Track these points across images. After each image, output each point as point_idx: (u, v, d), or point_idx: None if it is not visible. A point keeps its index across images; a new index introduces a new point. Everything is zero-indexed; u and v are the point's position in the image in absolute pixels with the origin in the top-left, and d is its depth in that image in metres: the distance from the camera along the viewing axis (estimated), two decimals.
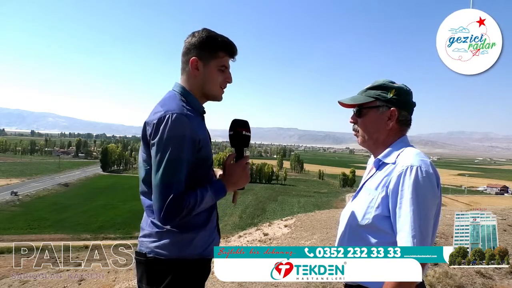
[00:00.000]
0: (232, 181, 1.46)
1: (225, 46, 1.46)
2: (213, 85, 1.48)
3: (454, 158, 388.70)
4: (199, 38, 1.44)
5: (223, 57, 1.47)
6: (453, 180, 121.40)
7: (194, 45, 1.44)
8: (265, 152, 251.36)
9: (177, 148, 1.29)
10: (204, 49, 1.43)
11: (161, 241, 1.38)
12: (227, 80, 1.51)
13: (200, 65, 1.44)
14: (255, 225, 10.84)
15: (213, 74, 1.46)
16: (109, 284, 7.33)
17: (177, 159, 1.29)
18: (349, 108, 1.53)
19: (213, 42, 1.44)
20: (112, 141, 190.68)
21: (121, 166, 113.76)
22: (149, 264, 1.38)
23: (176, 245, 1.37)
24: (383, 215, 1.30)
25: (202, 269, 1.46)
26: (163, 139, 1.29)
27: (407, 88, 1.44)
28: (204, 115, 1.54)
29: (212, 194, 1.37)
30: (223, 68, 1.48)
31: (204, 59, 1.44)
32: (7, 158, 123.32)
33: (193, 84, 1.47)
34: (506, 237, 5.25)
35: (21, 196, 61.00)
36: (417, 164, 1.26)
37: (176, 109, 1.34)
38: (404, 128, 1.45)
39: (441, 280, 3.75)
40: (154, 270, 1.38)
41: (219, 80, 1.48)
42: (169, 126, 1.29)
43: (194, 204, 1.30)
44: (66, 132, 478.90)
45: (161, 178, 1.28)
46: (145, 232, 1.43)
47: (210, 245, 1.47)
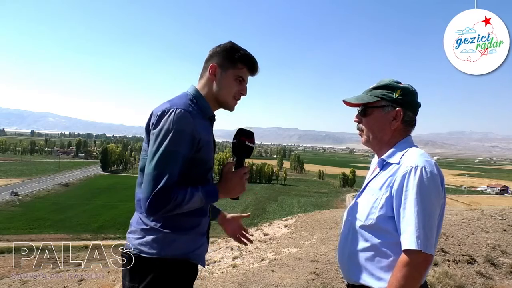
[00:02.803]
0: (226, 187, 1.45)
1: (246, 59, 1.50)
2: (227, 93, 1.50)
3: (454, 158, 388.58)
4: (223, 47, 1.50)
5: (242, 68, 1.50)
6: (453, 180, 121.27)
7: (216, 53, 1.50)
8: (265, 152, 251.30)
9: (175, 141, 1.31)
10: (225, 57, 1.48)
11: (144, 238, 1.39)
12: (241, 92, 1.53)
13: (218, 72, 1.49)
14: (255, 225, 10.83)
15: (229, 82, 1.49)
16: (109, 284, 7.32)
17: (173, 151, 1.30)
18: (354, 107, 1.52)
19: (234, 53, 1.49)
20: (112, 141, 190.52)
21: (121, 166, 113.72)
22: (132, 260, 1.39)
23: (158, 243, 1.37)
24: (387, 216, 1.29)
25: (186, 271, 1.45)
26: (162, 130, 1.32)
27: (413, 88, 1.44)
28: (213, 121, 1.55)
29: (202, 196, 1.36)
30: (240, 79, 1.51)
31: (223, 67, 1.48)
32: (7, 158, 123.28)
33: (208, 89, 1.50)
34: (506, 237, 5.24)
35: (21, 196, 60.96)
36: (421, 164, 1.25)
37: (182, 105, 1.37)
38: (409, 128, 1.45)
39: (441, 280, 3.74)
40: (136, 267, 1.38)
41: (234, 89, 1.51)
42: (171, 119, 1.32)
43: (181, 200, 1.30)
44: (66, 132, 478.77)
45: (154, 167, 1.29)
46: (132, 229, 1.45)
47: (196, 250, 1.46)
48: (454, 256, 4.41)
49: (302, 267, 4.76)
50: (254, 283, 4.28)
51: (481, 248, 4.70)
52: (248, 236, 1.88)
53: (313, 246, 6.34)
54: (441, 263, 4.26)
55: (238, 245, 8.31)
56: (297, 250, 6.20)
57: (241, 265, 5.94)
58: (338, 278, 4.12)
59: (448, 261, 4.30)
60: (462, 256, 4.39)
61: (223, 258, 7.09)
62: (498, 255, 4.50)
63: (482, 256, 4.42)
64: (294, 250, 6.26)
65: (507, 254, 4.52)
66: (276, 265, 5.09)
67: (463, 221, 6.13)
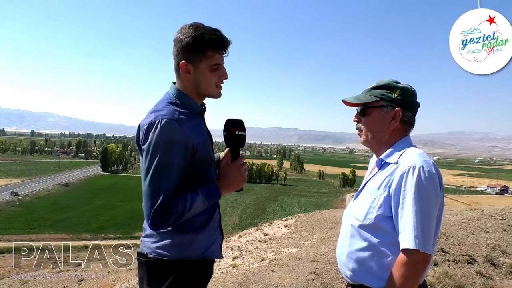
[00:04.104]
0: (227, 183, 1.43)
1: (213, 44, 1.36)
2: (207, 86, 1.42)
3: (454, 158, 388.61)
4: (184, 38, 1.35)
5: (213, 55, 1.37)
6: (453, 180, 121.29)
7: (181, 48, 1.36)
8: (265, 152, 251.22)
9: (166, 154, 1.27)
10: (192, 51, 1.35)
11: (162, 241, 1.37)
12: (222, 78, 1.44)
13: (191, 68, 1.38)
14: (255, 225, 10.83)
15: (205, 76, 1.39)
16: (109, 284, 7.32)
17: (165, 165, 1.27)
18: (353, 107, 1.52)
19: (200, 42, 1.34)
20: (112, 141, 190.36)
21: (121, 166, 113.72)
22: (150, 264, 1.38)
23: (177, 246, 1.36)
24: (385, 215, 1.29)
25: (204, 271, 1.45)
26: (151, 145, 1.27)
27: (412, 88, 1.44)
28: (203, 112, 1.50)
29: (203, 199, 1.34)
30: (216, 66, 1.40)
31: (193, 62, 1.37)
32: (7, 158, 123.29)
33: (187, 85, 1.42)
34: (506, 237, 5.25)
35: (21, 196, 60.99)
36: (419, 164, 1.25)
37: (167, 114, 1.30)
38: (408, 128, 1.45)
39: (441, 280, 3.74)
40: (155, 271, 1.37)
41: (213, 80, 1.41)
42: (158, 132, 1.26)
43: (182, 210, 1.28)
44: (66, 132, 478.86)
45: (149, 184, 1.26)
46: (147, 233, 1.43)
47: (211, 246, 1.45)
48: (454, 256, 4.41)
49: (302, 267, 4.76)
50: (254, 283, 4.28)
51: (481, 248, 4.70)
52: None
53: (313, 246, 6.34)
54: (441, 263, 4.26)
55: (238, 245, 8.31)
56: (297, 250, 6.20)
57: (241, 265, 5.95)
58: (338, 278, 4.12)
59: (448, 261, 4.30)
60: (462, 256, 4.39)
61: (223, 258, 7.09)
62: (498, 255, 4.50)
63: (482, 256, 4.42)
64: (294, 250, 6.26)
65: (507, 254, 4.52)
66: (276, 265, 5.09)
67: (463, 221, 6.14)
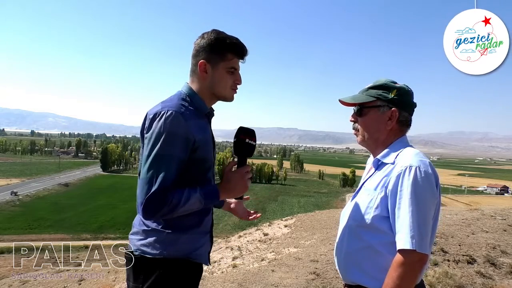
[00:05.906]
0: (228, 187, 1.42)
1: (234, 48, 1.45)
2: (222, 88, 1.48)
3: (454, 158, 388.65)
4: (207, 40, 1.44)
5: (232, 59, 1.46)
6: (453, 180, 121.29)
7: (203, 48, 1.44)
8: (265, 152, 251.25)
9: (167, 144, 1.29)
10: (213, 51, 1.43)
11: (146, 239, 1.39)
12: (236, 82, 1.51)
13: (209, 68, 1.45)
14: (255, 225, 10.81)
15: (222, 77, 1.46)
16: (109, 284, 7.33)
17: (165, 154, 1.29)
18: (350, 107, 1.52)
19: (221, 44, 1.43)
20: (112, 141, 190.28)
21: (121, 166, 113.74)
22: (135, 261, 1.40)
23: (160, 243, 1.37)
24: (382, 216, 1.30)
25: (190, 272, 1.45)
26: (154, 133, 1.31)
27: (409, 88, 1.44)
28: (211, 116, 1.54)
29: (200, 197, 1.32)
30: (232, 70, 1.47)
31: (213, 62, 1.44)
32: (7, 158, 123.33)
33: (202, 85, 1.47)
34: (506, 237, 5.24)
35: (21, 196, 60.99)
36: (416, 164, 1.26)
37: (174, 107, 1.35)
38: (404, 128, 1.45)
39: (441, 280, 3.74)
40: (139, 268, 1.39)
41: (229, 82, 1.48)
42: (162, 122, 1.30)
43: (177, 202, 1.27)
44: (66, 132, 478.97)
45: (147, 171, 1.29)
46: (134, 230, 1.45)
47: (198, 249, 1.46)
48: (454, 256, 4.41)
49: (302, 267, 4.76)
50: (254, 283, 4.28)
51: (481, 248, 4.70)
52: (255, 213, 1.86)
53: (313, 246, 6.34)
54: (441, 263, 4.26)
55: (238, 245, 8.31)
56: (297, 250, 6.20)
57: (241, 265, 5.95)
58: (338, 278, 4.12)
59: (448, 261, 4.30)
60: (462, 256, 4.39)
61: (223, 258, 7.09)
62: (498, 255, 4.50)
63: (482, 256, 4.42)
64: (294, 250, 6.26)
65: (507, 254, 4.53)
66: (276, 265, 5.09)
67: (463, 221, 6.13)
